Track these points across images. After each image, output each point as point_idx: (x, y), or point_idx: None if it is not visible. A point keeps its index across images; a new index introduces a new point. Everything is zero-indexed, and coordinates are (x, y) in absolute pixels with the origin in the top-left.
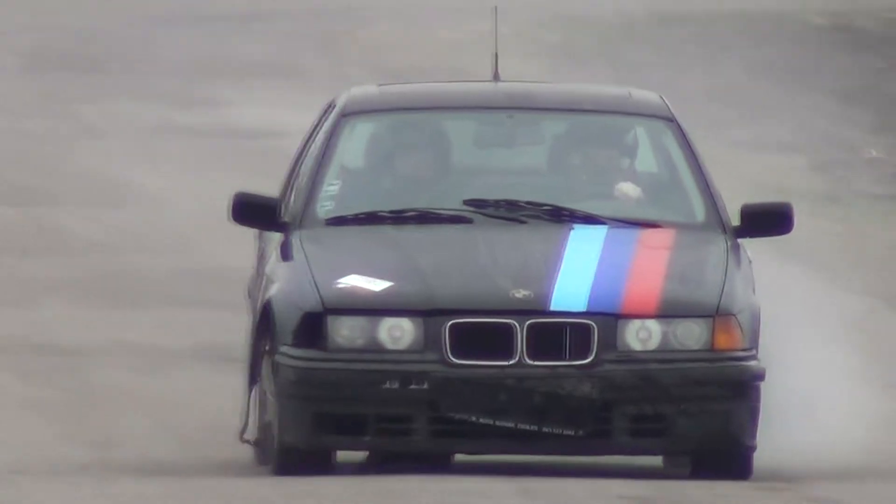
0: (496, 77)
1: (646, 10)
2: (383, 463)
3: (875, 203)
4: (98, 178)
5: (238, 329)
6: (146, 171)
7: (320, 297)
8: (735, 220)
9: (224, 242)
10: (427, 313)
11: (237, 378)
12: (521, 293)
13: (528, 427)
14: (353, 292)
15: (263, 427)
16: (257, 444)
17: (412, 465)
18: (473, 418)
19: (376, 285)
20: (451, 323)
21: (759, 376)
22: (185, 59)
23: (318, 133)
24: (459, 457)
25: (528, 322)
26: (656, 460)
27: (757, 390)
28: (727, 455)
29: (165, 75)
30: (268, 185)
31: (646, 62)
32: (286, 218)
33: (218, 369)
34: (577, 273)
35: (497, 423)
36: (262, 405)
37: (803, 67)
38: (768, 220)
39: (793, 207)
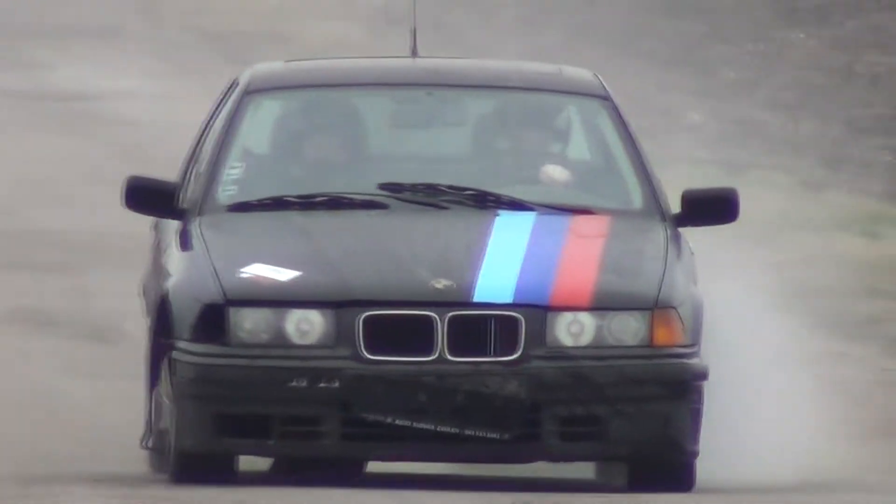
0: (414, 52)
1: None
2: (290, 470)
3: (696, 167)
4: None
5: (57, 292)
6: None
7: (221, 287)
8: (675, 207)
9: (42, 205)
10: (338, 305)
11: (57, 342)
12: (441, 283)
13: (449, 430)
14: (256, 282)
15: (159, 433)
16: (154, 450)
17: (321, 473)
18: (389, 420)
19: (283, 275)
20: (364, 315)
21: (702, 375)
22: (1, 21)
23: (219, 112)
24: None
25: (449, 314)
26: (589, 468)
27: (699, 390)
28: (667, 461)
29: None
30: (85, 147)
31: (466, 25)
32: (185, 204)
33: (38, 333)
34: (502, 262)
35: (415, 425)
36: (158, 408)
37: (624, 32)
38: (711, 208)
39: (738, 193)
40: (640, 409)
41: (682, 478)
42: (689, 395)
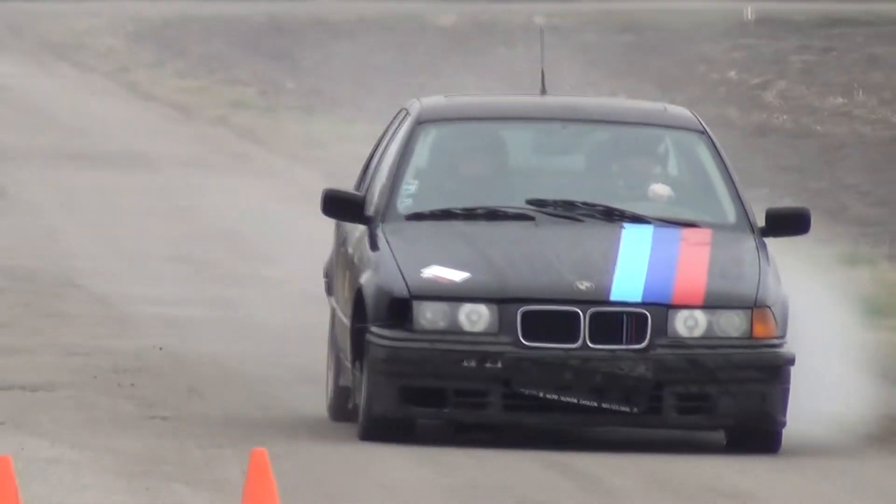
0: (543, 91)
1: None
2: (459, 432)
3: None
4: None
5: None
6: None
7: (407, 284)
8: (760, 222)
9: None
10: (502, 301)
11: None
12: (584, 284)
13: (589, 403)
14: (436, 281)
15: (339, 390)
16: (336, 406)
17: (486, 435)
18: (541, 394)
19: (456, 275)
20: (523, 309)
21: (791, 361)
22: None
23: (391, 138)
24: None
25: (590, 310)
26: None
27: (788, 373)
28: (762, 430)
29: None
30: None
31: None
32: (369, 212)
33: None
34: (631, 267)
35: (562, 398)
36: (340, 371)
37: None
38: (789, 223)
39: (810, 211)
40: (741, 388)
41: (772, 443)
42: (781, 377)
